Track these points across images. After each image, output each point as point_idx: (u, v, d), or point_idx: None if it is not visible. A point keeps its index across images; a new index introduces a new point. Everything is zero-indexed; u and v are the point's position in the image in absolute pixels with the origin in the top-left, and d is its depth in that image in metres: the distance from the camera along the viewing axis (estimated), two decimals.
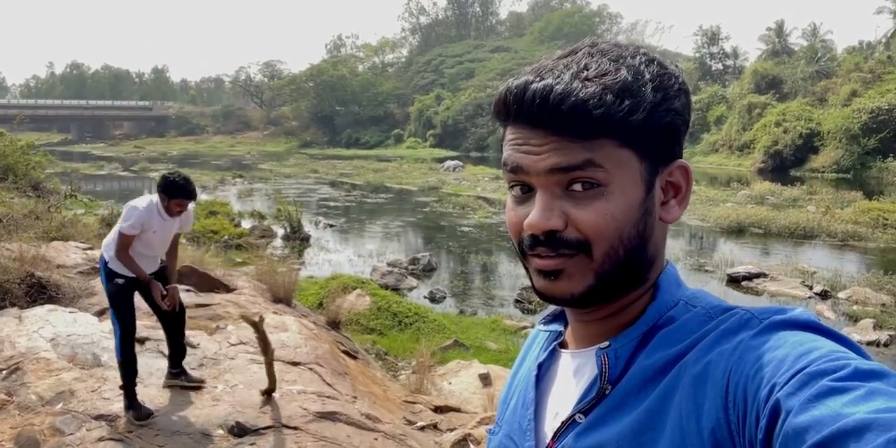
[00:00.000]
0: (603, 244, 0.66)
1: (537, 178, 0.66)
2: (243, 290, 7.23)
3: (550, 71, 0.67)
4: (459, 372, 6.80)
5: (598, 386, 0.68)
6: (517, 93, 0.66)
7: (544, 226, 0.65)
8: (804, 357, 0.55)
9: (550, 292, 0.68)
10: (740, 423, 0.56)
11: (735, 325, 0.63)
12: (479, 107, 55.23)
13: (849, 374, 0.51)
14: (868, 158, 31.27)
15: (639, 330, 0.68)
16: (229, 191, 26.99)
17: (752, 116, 38.51)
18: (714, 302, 0.69)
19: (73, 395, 3.69)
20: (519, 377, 0.83)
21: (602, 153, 0.65)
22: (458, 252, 15.43)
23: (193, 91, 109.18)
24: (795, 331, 0.59)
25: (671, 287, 0.71)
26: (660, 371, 0.64)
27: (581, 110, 0.63)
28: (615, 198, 0.65)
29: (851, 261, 14.05)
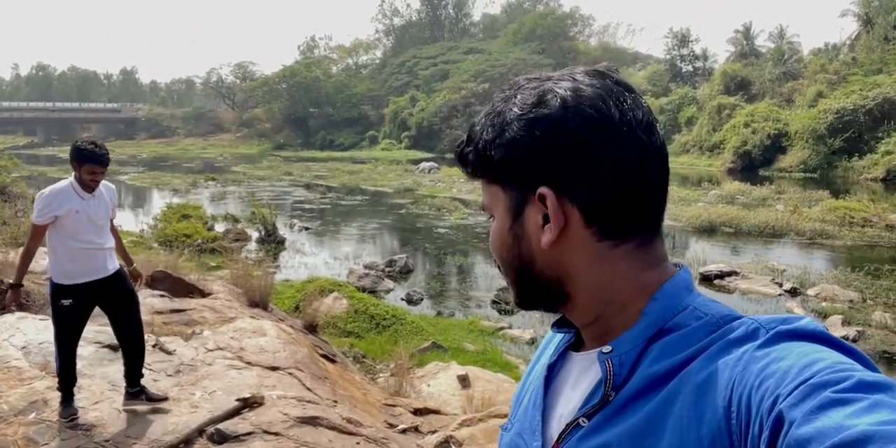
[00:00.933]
0: (497, 259, 0.78)
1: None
2: (219, 294, 7.16)
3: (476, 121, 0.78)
4: (438, 374, 6.80)
5: (602, 391, 0.68)
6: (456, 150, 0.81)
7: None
8: (808, 368, 0.55)
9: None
10: (742, 434, 0.56)
11: (741, 335, 0.63)
12: (453, 108, 55.30)
13: (852, 386, 0.51)
14: (834, 158, 31.92)
15: (644, 335, 0.68)
16: (202, 194, 26.68)
17: (722, 117, 39.10)
18: (724, 311, 0.69)
19: (46, 404, 3.61)
20: (532, 376, 0.84)
21: (488, 194, 0.76)
22: (434, 254, 15.43)
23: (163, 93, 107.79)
24: (801, 342, 0.60)
25: (679, 292, 0.71)
26: (663, 377, 0.65)
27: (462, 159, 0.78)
28: (494, 226, 0.77)
29: (819, 258, 14.33)
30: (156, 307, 6.16)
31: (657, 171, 0.71)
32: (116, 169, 38.31)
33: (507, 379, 6.81)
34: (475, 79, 56.60)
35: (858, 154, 31.03)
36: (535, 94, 0.71)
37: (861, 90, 32.53)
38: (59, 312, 3.61)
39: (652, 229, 0.72)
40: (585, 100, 0.69)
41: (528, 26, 64.32)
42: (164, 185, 30.37)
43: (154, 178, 33.83)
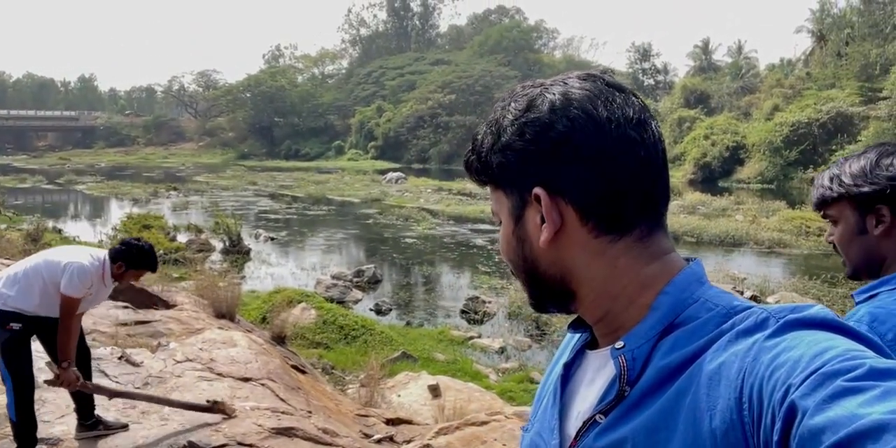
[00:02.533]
0: (508, 261, 0.80)
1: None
2: (184, 305, 7.03)
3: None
4: (408, 384, 6.77)
5: (616, 387, 0.68)
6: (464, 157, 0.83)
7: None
8: (819, 357, 0.54)
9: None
10: (755, 425, 0.56)
11: (751, 325, 0.63)
12: (420, 119, 55.41)
13: (864, 374, 0.51)
14: (790, 169, 32.80)
15: (655, 329, 0.69)
16: (163, 204, 26.21)
17: (683, 130, 39.90)
18: (734, 301, 0.69)
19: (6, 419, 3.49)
20: (551, 377, 0.85)
21: (493, 197, 0.79)
22: (402, 264, 15.38)
23: (123, 101, 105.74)
24: (811, 330, 0.59)
25: (690, 285, 0.71)
26: (675, 370, 0.65)
27: (468, 169, 0.80)
28: (502, 230, 0.79)
29: (778, 267, 14.68)
30: (119, 318, 6.02)
31: (651, 166, 0.73)
32: (73, 179, 37.54)
33: (478, 388, 6.80)
34: (442, 90, 56.83)
35: (813, 166, 31.90)
36: (526, 99, 0.74)
37: (815, 104, 33.55)
38: (8, 337, 3.32)
39: (651, 223, 0.73)
40: (574, 102, 0.71)
41: (494, 38, 64.92)
42: (123, 195, 29.76)
43: (113, 187, 33.14)
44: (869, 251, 1.31)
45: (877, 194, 1.27)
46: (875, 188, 1.26)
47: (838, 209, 1.33)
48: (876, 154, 1.30)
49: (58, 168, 48.40)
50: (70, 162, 55.97)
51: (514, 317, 10.54)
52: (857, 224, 1.31)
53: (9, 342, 3.33)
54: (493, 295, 11.69)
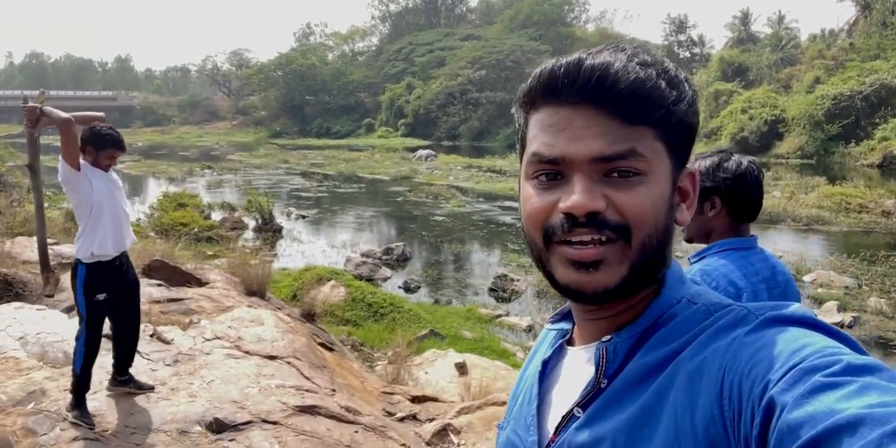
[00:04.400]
0: (642, 230, 0.66)
1: (578, 166, 0.66)
2: (216, 283, 7.15)
3: (600, 53, 0.67)
4: (435, 361, 6.82)
5: (594, 379, 0.68)
6: (570, 68, 0.66)
7: (590, 205, 0.64)
8: (797, 353, 0.55)
9: (583, 286, 0.67)
10: (735, 420, 0.56)
11: (731, 322, 0.64)
12: (450, 95, 55.07)
13: (841, 370, 0.52)
14: (831, 144, 31.90)
15: (640, 326, 0.69)
16: (198, 182, 26.60)
17: (719, 104, 39.01)
18: (715, 299, 0.70)
19: (44, 394, 3.62)
20: (527, 374, 0.84)
21: (644, 143, 0.65)
22: (431, 241, 15.43)
23: (159, 80, 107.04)
24: (790, 327, 0.60)
25: (675, 284, 0.71)
26: (657, 367, 0.65)
27: (638, 90, 0.64)
28: (653, 187, 0.66)
29: (815, 244, 14.36)
30: (153, 296, 6.16)
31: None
32: None
33: (505, 366, 6.83)
34: (472, 65, 56.33)
35: (855, 140, 31.02)
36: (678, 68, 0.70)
37: (858, 76, 32.46)
38: (94, 307, 3.61)
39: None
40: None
41: (525, 12, 63.94)
42: (160, 174, 30.25)
43: (150, 166, 33.68)
44: (701, 226, 1.81)
45: (715, 188, 1.75)
46: (713, 184, 1.75)
47: None
48: (719, 158, 1.80)
49: None
50: None
51: (542, 295, 10.52)
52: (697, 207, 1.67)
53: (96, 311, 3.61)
54: (521, 273, 11.67)
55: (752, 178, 1.77)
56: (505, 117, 53.03)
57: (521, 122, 0.73)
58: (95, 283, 3.60)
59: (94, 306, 3.59)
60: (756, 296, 1.68)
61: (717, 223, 1.79)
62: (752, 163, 1.81)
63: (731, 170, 1.76)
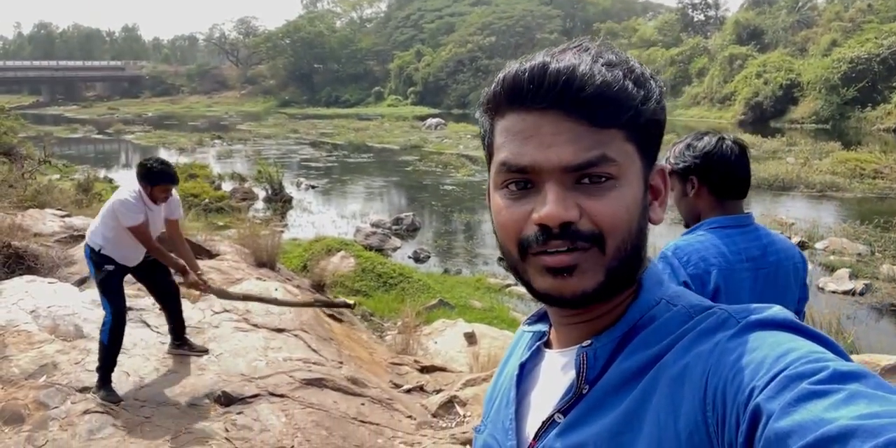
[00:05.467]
0: (616, 237, 0.64)
1: (549, 174, 0.64)
2: (226, 255, 7.19)
3: (563, 55, 0.65)
4: (445, 331, 6.85)
5: (575, 385, 0.67)
6: (535, 72, 0.63)
7: (564, 215, 0.62)
8: (782, 359, 0.54)
9: (560, 291, 0.65)
10: (719, 427, 0.55)
11: (713, 325, 0.63)
12: (459, 63, 54.47)
13: (828, 377, 0.51)
14: (847, 108, 31.40)
15: (620, 330, 0.67)
16: (208, 152, 26.61)
17: (734, 68, 38.39)
18: (694, 301, 0.68)
19: (56, 367, 3.67)
20: (504, 376, 0.82)
21: (614, 146, 0.64)
22: (441, 211, 15.42)
23: (167, 50, 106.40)
24: (773, 331, 0.59)
25: (653, 286, 0.70)
26: (638, 372, 0.64)
27: (605, 93, 0.62)
28: (626, 191, 0.65)
29: (829, 211, 14.23)
30: None
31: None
32: (122, 128, 38.27)
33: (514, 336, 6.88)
34: (482, 31, 55.52)
35: (872, 104, 30.50)
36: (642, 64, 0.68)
37: (876, 38, 31.75)
38: (104, 277, 3.77)
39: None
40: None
41: None
42: (170, 144, 30.28)
43: (160, 136, 33.73)
44: (690, 208, 1.82)
45: (688, 168, 1.76)
46: (686, 164, 1.77)
47: (671, 179, 1.75)
48: (691, 139, 1.81)
49: (107, 118, 49.38)
50: (118, 112, 56.98)
51: None
52: (681, 190, 1.79)
53: (105, 280, 3.77)
54: None
55: (723, 154, 1.75)
56: None
57: (486, 128, 0.71)
58: (103, 259, 3.78)
59: (104, 275, 3.76)
60: (732, 274, 1.66)
61: (700, 203, 1.79)
62: (726, 139, 1.79)
63: (699, 148, 1.76)
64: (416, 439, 3.24)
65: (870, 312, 8.35)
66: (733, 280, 1.65)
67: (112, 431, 3.06)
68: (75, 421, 3.13)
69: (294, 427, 3.13)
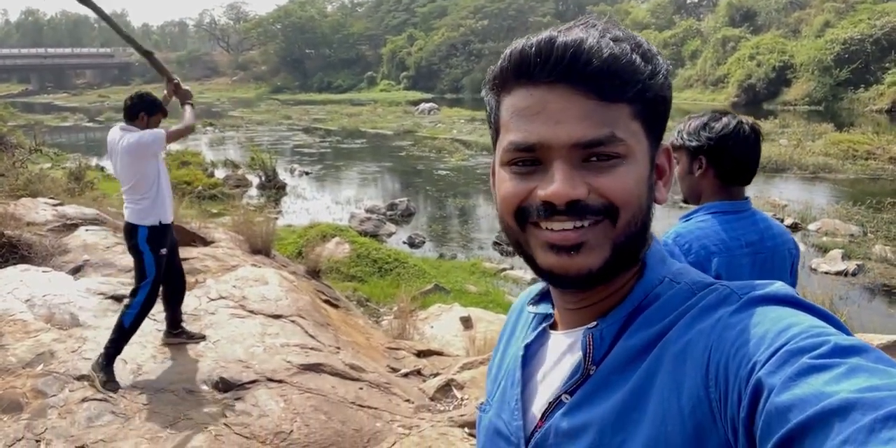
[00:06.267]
0: (628, 210, 0.64)
1: (557, 152, 0.63)
2: (221, 242, 7.18)
3: (571, 30, 0.64)
4: (441, 316, 6.88)
5: (582, 366, 0.67)
6: (542, 46, 0.63)
7: (571, 193, 0.62)
8: (783, 334, 0.54)
9: (566, 269, 0.64)
10: (721, 402, 0.56)
11: (714, 301, 0.63)
12: (452, 47, 54.16)
13: (829, 351, 0.51)
14: (840, 90, 31.41)
15: (625, 310, 0.68)
16: (200, 139, 26.44)
17: (727, 50, 38.29)
18: (697, 278, 0.68)
19: (53, 356, 3.67)
20: (508, 356, 0.82)
21: (622, 125, 0.63)
22: (435, 196, 15.41)
23: (156, 36, 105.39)
24: (774, 306, 0.59)
25: (656, 264, 0.70)
26: (642, 350, 0.64)
27: (613, 66, 0.61)
28: (633, 168, 0.64)
29: (821, 193, 14.28)
30: None
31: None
32: (112, 116, 37.88)
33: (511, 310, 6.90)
34: (474, 15, 55.13)
35: (864, 85, 30.51)
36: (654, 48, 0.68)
37: (869, 19, 31.68)
38: (161, 262, 3.75)
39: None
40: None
41: None
42: None
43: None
44: (692, 186, 1.81)
45: (700, 148, 1.75)
46: (699, 144, 1.75)
47: (679, 154, 1.80)
48: (708, 118, 1.79)
49: (97, 106, 48.98)
50: (109, 99, 56.50)
51: None
52: (687, 166, 1.79)
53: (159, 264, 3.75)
54: None
55: (739, 139, 1.73)
56: None
57: (492, 106, 0.70)
58: (158, 239, 3.75)
59: (160, 261, 3.74)
60: (732, 260, 1.67)
61: (704, 184, 1.78)
62: (744, 123, 1.77)
63: (716, 130, 1.74)
64: (414, 422, 3.26)
65: (862, 292, 8.42)
66: (733, 266, 1.67)
67: (111, 419, 3.07)
68: (74, 409, 3.14)
69: (293, 412, 3.15)
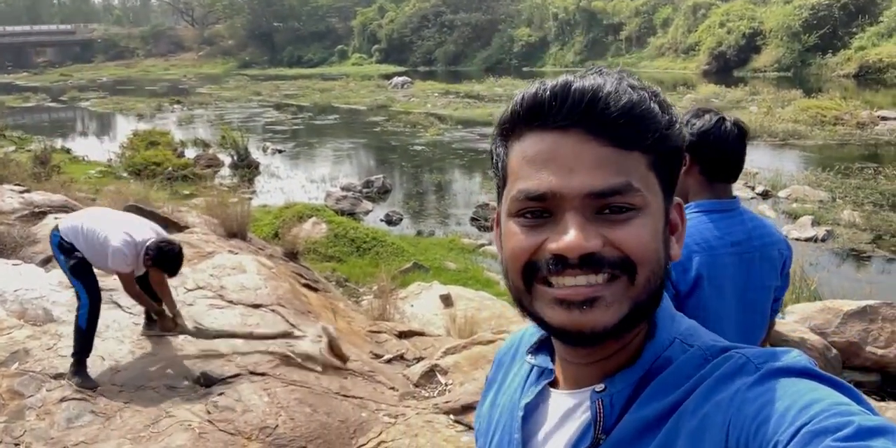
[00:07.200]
0: (646, 266, 0.61)
1: (570, 202, 0.60)
2: (195, 227, 7.07)
3: (586, 76, 0.62)
4: (420, 294, 6.88)
5: (591, 434, 0.64)
6: (557, 90, 0.60)
7: (585, 247, 0.58)
8: (805, 411, 0.53)
9: (579, 326, 0.60)
10: None
11: (730, 371, 0.61)
12: (424, 18, 53.37)
13: (853, 433, 0.49)
14: (808, 55, 31.65)
15: (635, 374, 0.65)
16: (168, 118, 25.92)
17: (697, 18, 38.26)
18: (709, 342, 0.66)
19: (28, 354, 3.60)
20: (500, 407, 0.79)
21: (637, 174, 0.61)
22: (411, 172, 15.33)
23: (118, 11, 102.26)
24: (793, 378, 0.57)
25: (667, 322, 0.67)
26: (656, 421, 0.62)
27: (632, 112, 0.59)
28: (650, 221, 0.62)
29: (791, 159, 14.46)
30: None
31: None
32: (76, 95, 36.98)
33: (489, 296, 6.92)
34: None
35: (832, 50, 30.76)
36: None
37: None
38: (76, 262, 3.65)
39: None
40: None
41: None
42: (127, 111, 29.41)
43: (117, 102, 32.68)
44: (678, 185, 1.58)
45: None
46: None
47: None
48: (690, 115, 1.76)
49: (60, 85, 47.68)
50: (72, 78, 55.00)
51: None
52: None
53: (77, 264, 3.65)
54: None
55: (721, 136, 1.70)
56: (481, 39, 51.64)
57: (499, 153, 0.67)
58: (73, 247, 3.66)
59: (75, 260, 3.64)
60: (715, 259, 1.64)
61: (690, 182, 1.74)
62: (726, 120, 1.74)
63: (697, 126, 1.72)
64: (399, 410, 3.26)
65: (832, 258, 8.58)
66: (716, 266, 1.64)
67: (91, 418, 3.03)
68: (52, 409, 3.09)
69: (277, 406, 3.13)
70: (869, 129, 16.84)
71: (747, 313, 1.73)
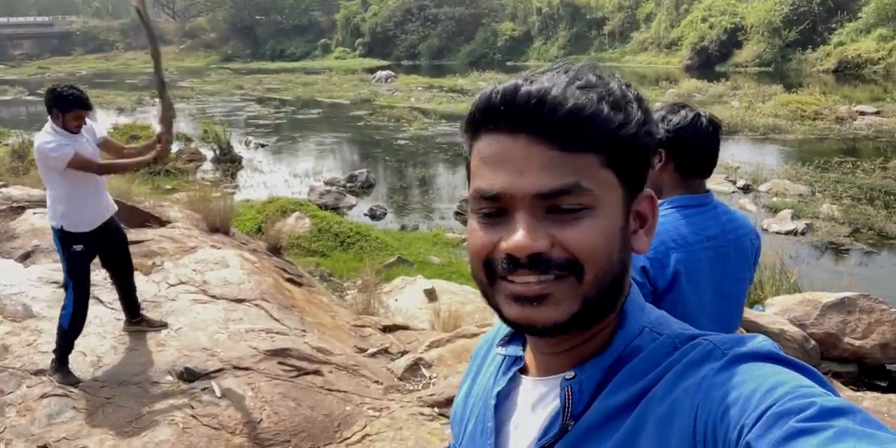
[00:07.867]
0: (594, 266, 0.62)
1: (520, 202, 0.61)
2: (177, 222, 7.02)
3: (539, 77, 0.62)
4: (405, 288, 6.89)
5: (560, 421, 0.66)
6: (506, 94, 0.62)
7: (531, 247, 0.60)
8: (769, 394, 0.54)
9: (530, 321, 0.63)
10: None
11: (698, 358, 0.62)
12: (408, 12, 53.12)
13: (815, 414, 0.51)
14: (788, 51, 31.93)
15: (604, 361, 0.66)
16: (149, 112, 25.58)
17: (680, 13, 38.44)
18: (678, 330, 0.68)
19: (7, 350, 3.56)
20: (474, 396, 0.80)
21: (588, 174, 0.62)
22: (395, 166, 15.30)
23: (97, 3, 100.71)
24: (758, 363, 0.59)
25: (636, 312, 0.69)
26: (624, 407, 0.63)
27: (577, 116, 0.60)
28: (601, 220, 0.63)
29: (772, 154, 14.60)
30: None
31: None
32: None
33: (473, 290, 6.94)
34: None
35: (812, 46, 31.05)
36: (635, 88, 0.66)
37: None
38: (75, 259, 3.59)
39: None
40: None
41: None
42: (108, 104, 29.05)
43: (96, 96, 32.15)
44: (653, 181, 1.76)
45: (658, 141, 1.69)
46: (658, 137, 1.69)
47: None
48: (665, 111, 1.78)
49: (38, 78, 46.93)
50: (50, 71, 54.16)
51: None
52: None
53: (74, 261, 3.59)
54: None
55: (697, 132, 1.73)
56: (465, 34, 51.51)
57: (465, 150, 0.69)
58: (72, 237, 3.58)
59: (72, 258, 3.58)
60: (691, 255, 1.66)
61: (665, 178, 1.76)
62: (702, 116, 1.76)
63: (673, 122, 1.74)
64: (383, 404, 3.27)
65: (811, 251, 8.69)
66: (693, 262, 1.66)
67: (73, 415, 3.01)
68: (33, 406, 3.06)
69: (261, 400, 3.13)
70: (847, 123, 17.05)
71: (724, 305, 1.76)
